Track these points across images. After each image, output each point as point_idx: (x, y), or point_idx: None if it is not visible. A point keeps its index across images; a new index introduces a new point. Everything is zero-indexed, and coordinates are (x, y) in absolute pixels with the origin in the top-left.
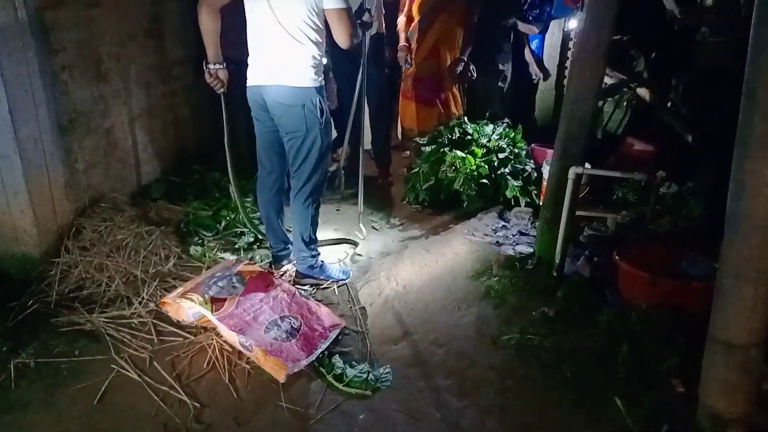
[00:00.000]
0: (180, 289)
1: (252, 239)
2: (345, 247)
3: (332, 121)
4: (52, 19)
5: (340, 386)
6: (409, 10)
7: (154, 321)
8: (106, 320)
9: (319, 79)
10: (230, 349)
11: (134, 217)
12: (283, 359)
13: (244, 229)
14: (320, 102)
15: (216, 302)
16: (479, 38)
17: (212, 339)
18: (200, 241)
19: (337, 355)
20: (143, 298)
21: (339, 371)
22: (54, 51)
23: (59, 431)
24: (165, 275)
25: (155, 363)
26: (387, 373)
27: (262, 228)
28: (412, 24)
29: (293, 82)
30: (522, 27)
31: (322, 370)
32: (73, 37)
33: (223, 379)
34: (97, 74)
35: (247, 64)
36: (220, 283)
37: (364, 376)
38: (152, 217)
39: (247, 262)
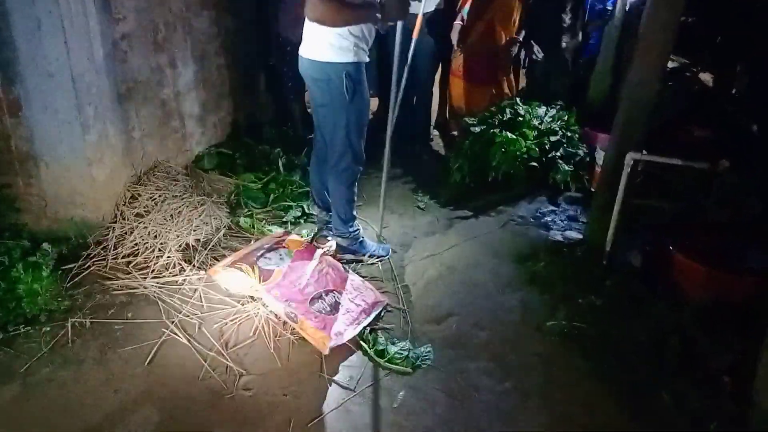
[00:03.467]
0: (229, 259)
1: (299, 213)
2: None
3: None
4: None
5: (382, 362)
6: None
7: (203, 288)
8: (159, 285)
9: (351, 55)
10: (276, 320)
11: (187, 187)
12: (327, 332)
13: (292, 203)
14: (349, 78)
15: (264, 273)
16: (540, 14)
17: (259, 309)
18: (249, 212)
19: (380, 331)
20: (194, 266)
21: (381, 347)
22: (114, 20)
23: (110, 389)
24: (215, 244)
25: (203, 329)
26: (428, 352)
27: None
28: (468, 0)
29: (319, 56)
30: None
31: (365, 345)
32: (133, 6)
33: (268, 348)
34: (155, 44)
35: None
36: (268, 255)
37: (406, 353)
38: (204, 187)
39: (295, 235)
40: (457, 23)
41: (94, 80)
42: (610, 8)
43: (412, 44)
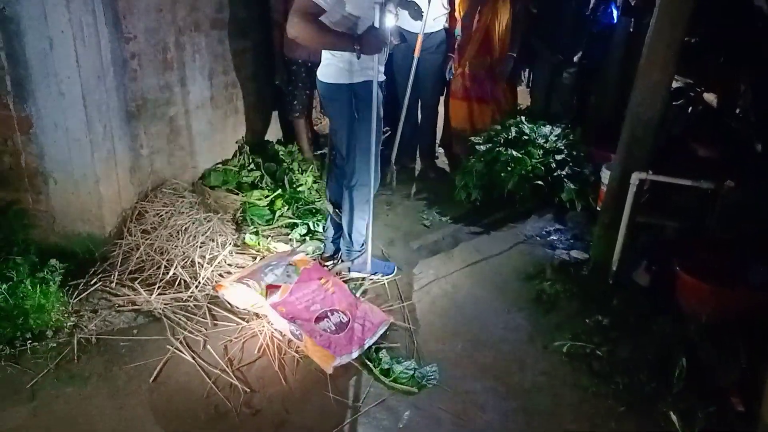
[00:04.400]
0: (236, 275)
1: (305, 231)
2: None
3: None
4: (124, 6)
5: (387, 381)
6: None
7: (209, 305)
8: (164, 302)
9: (357, 75)
10: (281, 337)
11: (193, 204)
12: (332, 351)
13: (297, 221)
14: (356, 98)
15: (270, 289)
16: (540, 30)
17: (264, 326)
18: (255, 229)
19: (385, 350)
20: (200, 282)
21: (386, 366)
22: (125, 38)
23: (115, 406)
24: (221, 261)
25: (209, 346)
26: (434, 371)
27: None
28: (456, 23)
29: (328, 78)
30: None
31: (370, 364)
32: (143, 26)
33: (273, 365)
34: (164, 62)
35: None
36: (275, 272)
37: (411, 372)
38: (210, 204)
39: (302, 252)
40: (449, 55)
41: (104, 98)
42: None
43: (414, 62)
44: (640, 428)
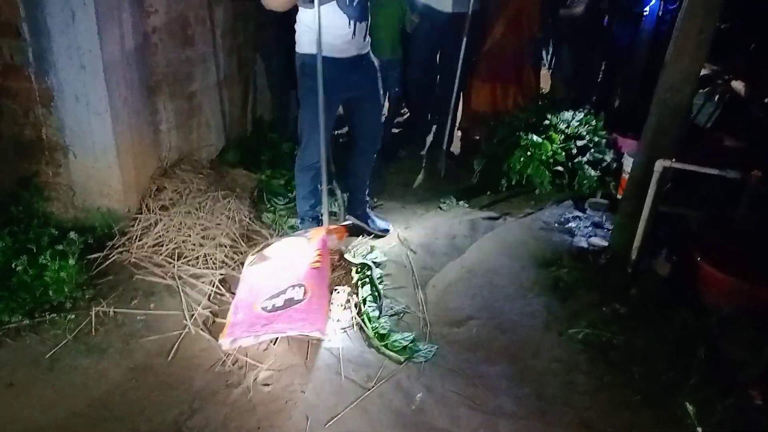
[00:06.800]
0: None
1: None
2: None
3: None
4: None
5: (379, 344)
6: None
7: (223, 281)
8: (181, 277)
9: (305, 46)
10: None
11: (212, 181)
12: (233, 325)
13: None
14: (302, 69)
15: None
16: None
17: None
18: (272, 208)
19: (388, 317)
20: (216, 259)
21: (383, 331)
22: (147, 12)
23: (130, 378)
24: (238, 239)
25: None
26: (430, 350)
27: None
28: None
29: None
30: None
31: (367, 324)
32: (164, 0)
33: (287, 344)
34: (184, 38)
35: None
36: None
37: (406, 343)
38: (228, 182)
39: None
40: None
41: (125, 72)
42: (645, 12)
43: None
44: (655, 419)
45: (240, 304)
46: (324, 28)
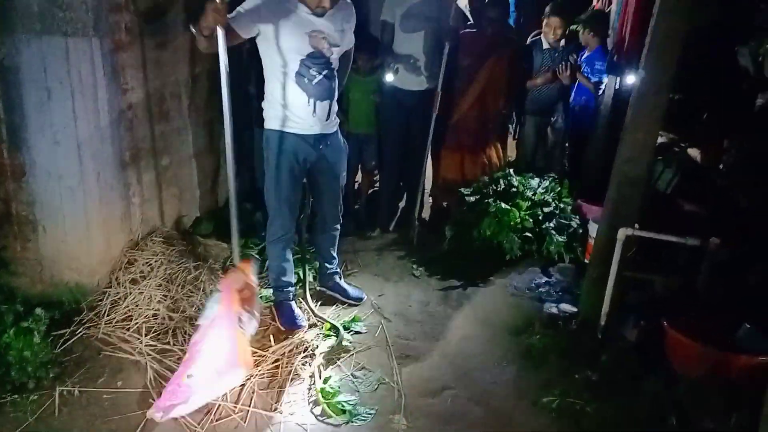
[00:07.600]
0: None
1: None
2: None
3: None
4: (122, 60)
5: (321, 397)
6: None
7: None
8: (150, 352)
9: (270, 121)
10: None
11: (184, 252)
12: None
13: None
14: (267, 145)
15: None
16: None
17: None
18: None
19: (344, 379)
20: (186, 333)
21: (330, 390)
22: (123, 90)
23: None
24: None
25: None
26: (369, 414)
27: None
28: None
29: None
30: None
31: (317, 376)
32: (141, 77)
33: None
34: (160, 113)
35: None
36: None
37: (349, 408)
38: (200, 252)
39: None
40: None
41: (99, 148)
42: (602, 83)
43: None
44: None
45: (175, 375)
46: (288, 104)
